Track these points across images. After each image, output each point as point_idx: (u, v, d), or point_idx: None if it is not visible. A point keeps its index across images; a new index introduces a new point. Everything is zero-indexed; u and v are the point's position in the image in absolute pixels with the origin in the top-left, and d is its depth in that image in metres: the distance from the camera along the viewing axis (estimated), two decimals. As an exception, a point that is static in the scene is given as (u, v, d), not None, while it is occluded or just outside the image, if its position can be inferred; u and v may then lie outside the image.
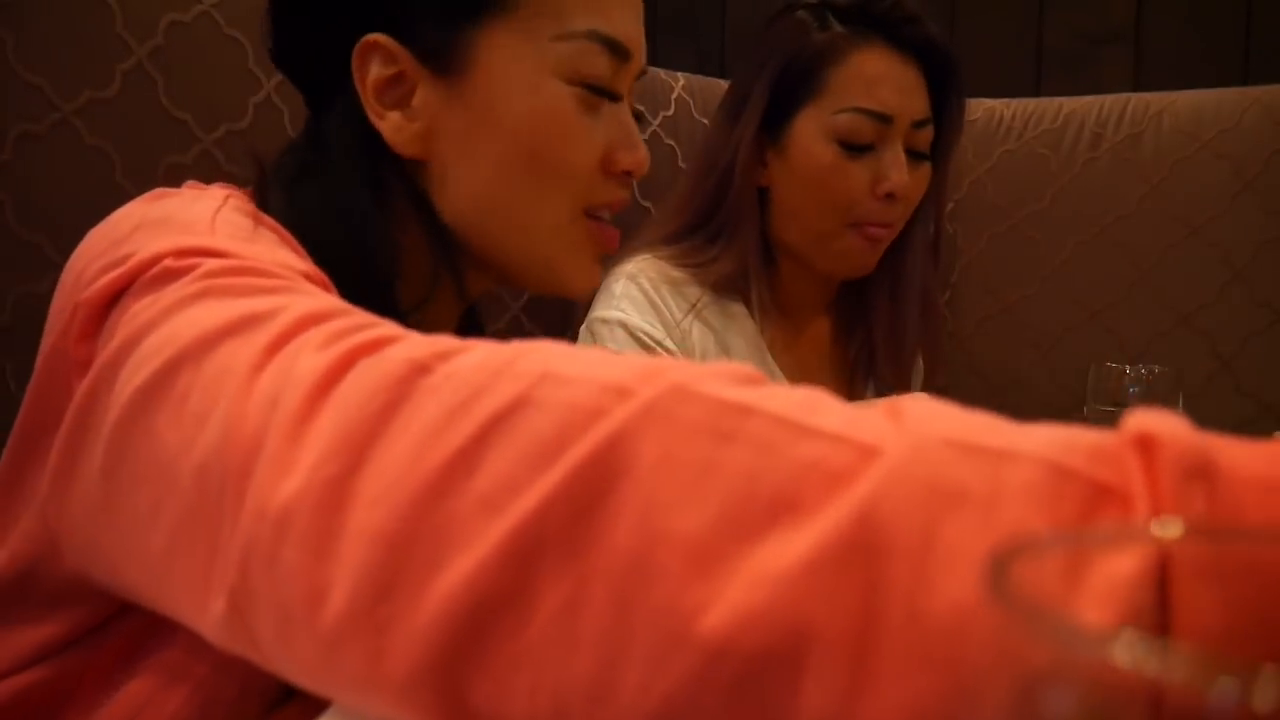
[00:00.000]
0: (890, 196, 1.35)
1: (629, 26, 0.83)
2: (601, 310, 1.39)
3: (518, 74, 0.77)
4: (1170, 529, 0.24)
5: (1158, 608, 0.24)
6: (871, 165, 1.36)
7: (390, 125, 0.76)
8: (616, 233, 0.87)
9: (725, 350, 1.41)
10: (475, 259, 0.83)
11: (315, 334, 0.47)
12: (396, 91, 0.76)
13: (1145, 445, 0.31)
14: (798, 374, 1.47)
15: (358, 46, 0.75)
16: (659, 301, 1.38)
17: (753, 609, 0.30)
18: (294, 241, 0.66)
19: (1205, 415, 1.59)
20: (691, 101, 1.78)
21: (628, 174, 0.86)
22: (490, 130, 0.77)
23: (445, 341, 0.44)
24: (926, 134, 1.39)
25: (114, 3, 1.13)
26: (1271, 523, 0.29)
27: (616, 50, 0.81)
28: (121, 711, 0.61)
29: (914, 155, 1.39)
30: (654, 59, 2.23)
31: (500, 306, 1.52)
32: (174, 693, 0.61)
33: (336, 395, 0.42)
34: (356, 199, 0.75)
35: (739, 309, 1.44)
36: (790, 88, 1.38)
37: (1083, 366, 1.42)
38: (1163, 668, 0.18)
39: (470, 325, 0.98)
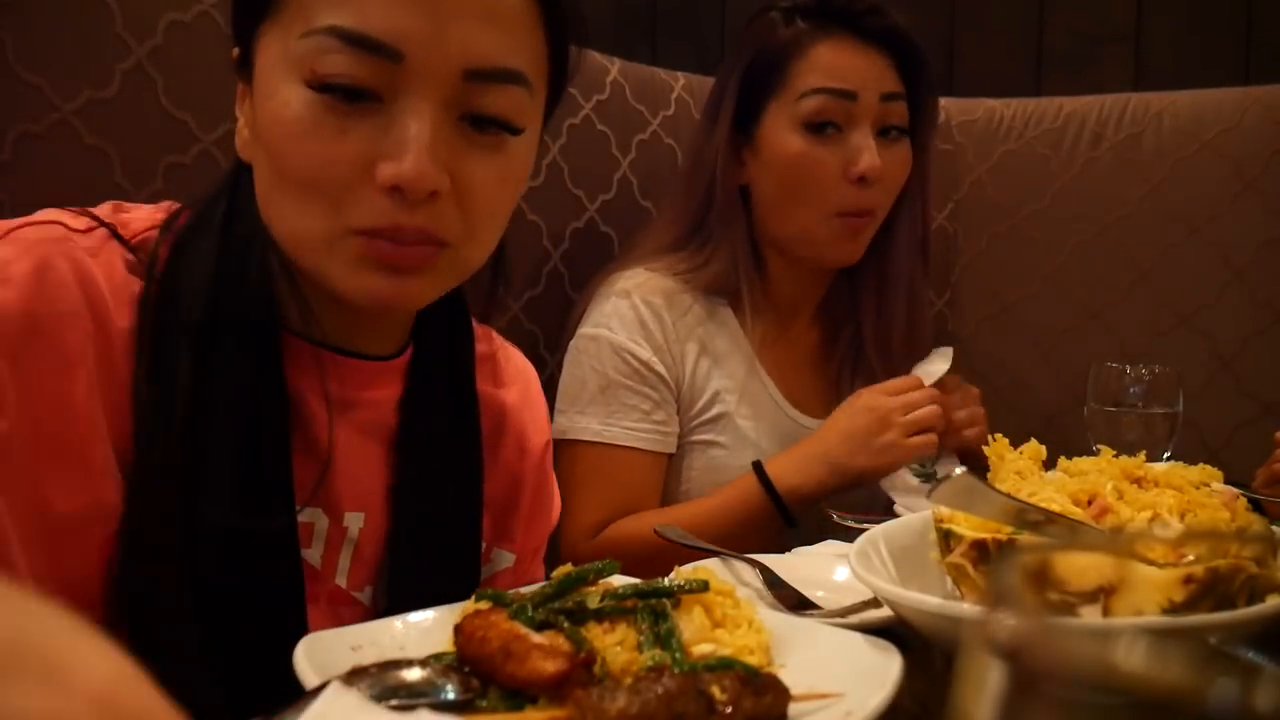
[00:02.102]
0: (863, 180, 1.36)
1: (393, 20, 0.71)
2: (590, 327, 1.40)
3: (268, 78, 0.74)
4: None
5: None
6: (841, 149, 1.36)
7: (237, 130, 0.81)
8: (405, 251, 0.75)
9: (714, 361, 1.42)
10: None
11: None
12: (245, 100, 0.80)
13: None
14: (785, 373, 1.48)
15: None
16: (649, 319, 1.38)
17: None
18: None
19: (1205, 415, 1.59)
20: (691, 101, 1.78)
21: (397, 190, 0.72)
22: (257, 139, 0.77)
23: None
24: (899, 108, 1.40)
25: (114, 3, 1.13)
26: None
27: (366, 46, 0.71)
28: None
29: (890, 133, 1.39)
30: (654, 59, 2.23)
31: (500, 306, 1.52)
32: None
33: None
34: (217, 195, 0.81)
35: (727, 314, 1.44)
36: (757, 84, 1.40)
37: (1083, 366, 1.42)
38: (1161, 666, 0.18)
39: (437, 329, 0.91)
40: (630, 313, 1.38)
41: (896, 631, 0.71)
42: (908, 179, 1.43)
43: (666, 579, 0.71)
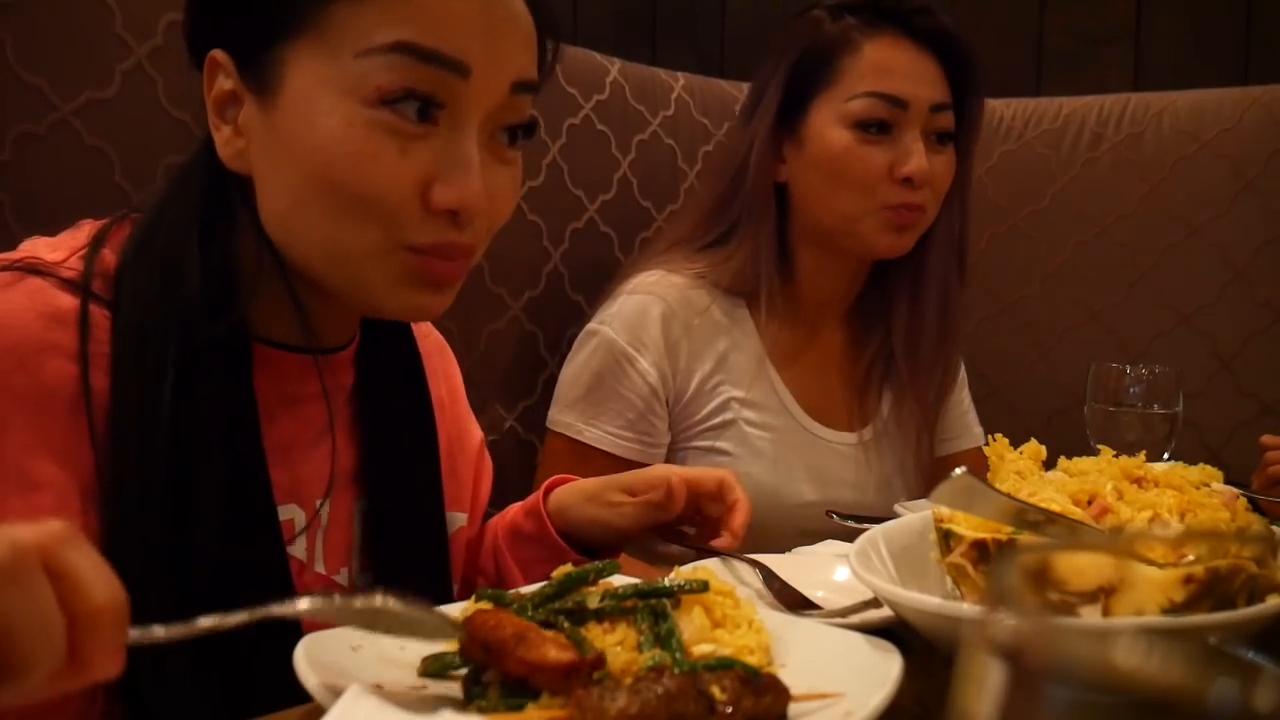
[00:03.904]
0: (909, 181, 1.33)
1: (458, 37, 0.72)
2: (595, 321, 1.39)
3: (316, 96, 0.72)
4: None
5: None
6: (889, 149, 1.34)
7: (221, 139, 0.77)
8: (452, 266, 0.77)
9: (726, 366, 1.38)
10: (302, 276, 0.80)
11: None
12: (233, 108, 0.77)
13: None
14: (804, 380, 1.44)
15: (206, 62, 0.77)
16: (654, 325, 1.35)
17: None
18: None
19: (1205, 415, 1.59)
20: (691, 101, 1.78)
21: (453, 213, 0.75)
22: (292, 154, 0.74)
23: None
24: (947, 117, 1.38)
25: (114, 3, 1.13)
26: None
27: (438, 62, 0.72)
28: None
29: (938, 138, 1.38)
30: (654, 59, 2.22)
31: (500, 306, 1.52)
32: None
33: None
34: (182, 207, 0.78)
35: (744, 316, 1.41)
36: (804, 79, 1.38)
37: (1083, 366, 1.42)
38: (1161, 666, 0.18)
39: (384, 340, 0.92)
40: (635, 316, 1.36)
41: (896, 631, 0.71)
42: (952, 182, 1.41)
43: (666, 579, 0.71)
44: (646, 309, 1.36)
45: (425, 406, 0.94)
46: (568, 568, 0.71)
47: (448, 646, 0.66)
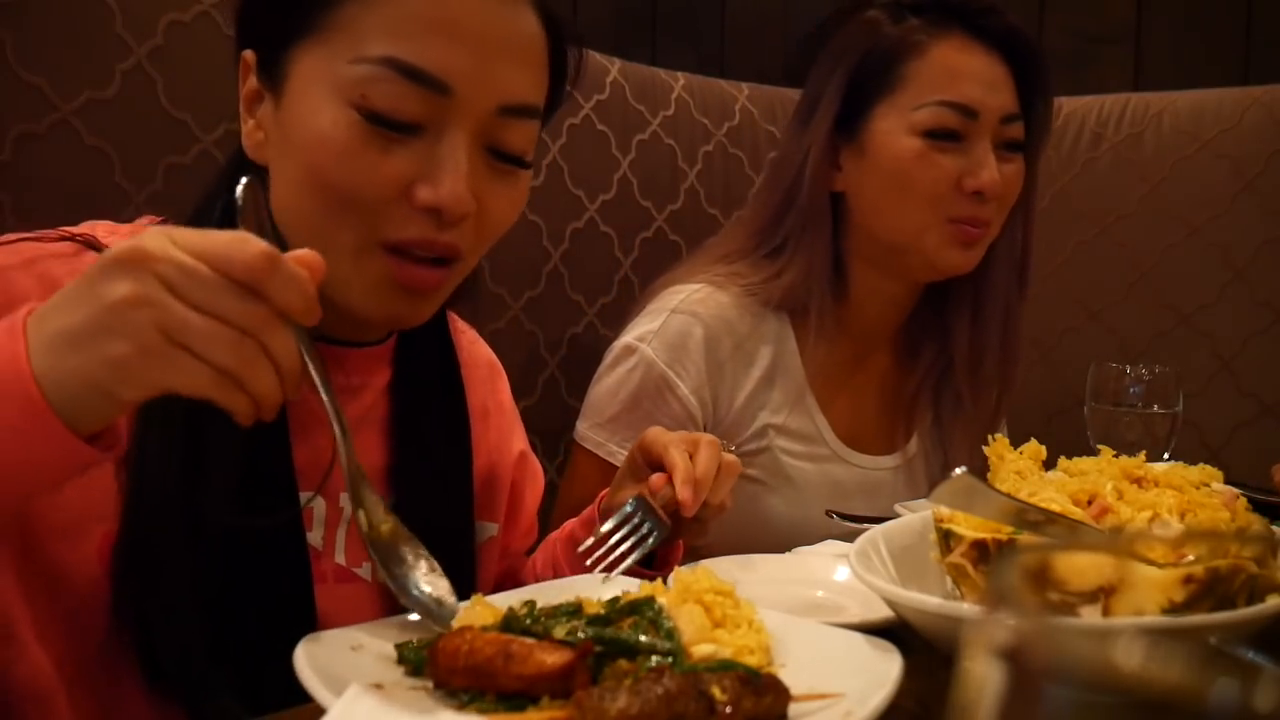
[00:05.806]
0: (978, 194, 1.27)
1: (445, 57, 0.76)
2: (633, 337, 1.31)
3: (310, 94, 0.77)
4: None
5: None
6: (960, 159, 1.27)
7: (246, 131, 0.83)
8: (431, 274, 0.80)
9: (768, 391, 1.32)
10: None
11: None
12: (258, 104, 0.83)
13: None
14: (844, 407, 1.39)
15: (240, 62, 0.83)
16: (697, 348, 1.29)
17: None
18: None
19: (1205, 415, 1.59)
20: (691, 101, 1.78)
21: (434, 210, 0.78)
22: (290, 149, 0.79)
23: None
24: (1018, 128, 1.31)
25: (114, 3, 1.13)
26: None
27: (420, 80, 0.75)
28: None
29: (1006, 148, 1.31)
30: (654, 59, 2.22)
31: (500, 306, 1.52)
32: None
33: None
34: (214, 199, 0.84)
35: (788, 336, 1.34)
36: (865, 85, 1.31)
37: (1083, 366, 1.42)
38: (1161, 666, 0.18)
39: (423, 342, 0.94)
40: (677, 338, 1.29)
41: (896, 631, 0.71)
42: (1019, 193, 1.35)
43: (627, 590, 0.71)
44: (688, 331, 1.29)
45: (460, 411, 0.95)
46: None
47: None
